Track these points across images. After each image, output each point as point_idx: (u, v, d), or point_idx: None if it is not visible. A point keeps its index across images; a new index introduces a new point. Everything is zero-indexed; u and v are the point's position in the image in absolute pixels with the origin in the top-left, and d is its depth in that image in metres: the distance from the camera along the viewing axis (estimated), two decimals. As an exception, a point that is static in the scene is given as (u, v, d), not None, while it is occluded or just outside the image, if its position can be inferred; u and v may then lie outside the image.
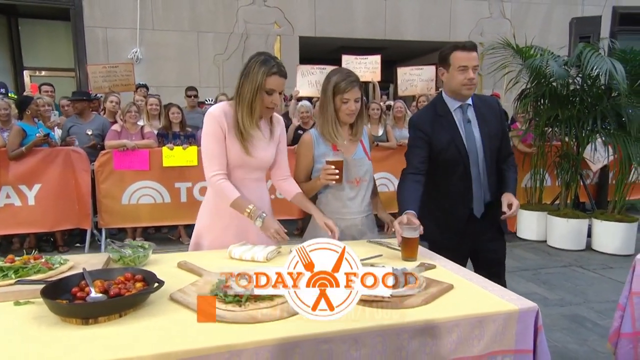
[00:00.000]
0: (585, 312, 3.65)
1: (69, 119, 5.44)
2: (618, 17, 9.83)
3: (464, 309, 1.32)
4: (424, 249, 1.95)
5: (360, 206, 2.21)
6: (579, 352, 3.02)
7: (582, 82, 5.22)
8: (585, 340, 3.18)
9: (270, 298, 1.33)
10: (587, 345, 3.10)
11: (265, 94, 1.92)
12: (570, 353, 3.00)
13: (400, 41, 9.14)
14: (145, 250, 1.73)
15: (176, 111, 5.35)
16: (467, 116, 2.24)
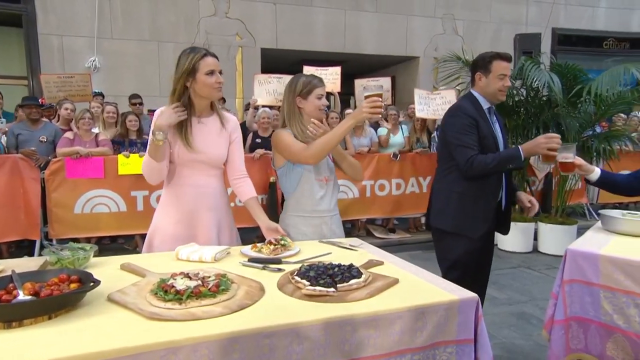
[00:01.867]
0: (530, 309, 3.75)
1: (16, 126, 5.14)
2: (557, 37, 10.38)
3: (407, 300, 1.31)
4: (374, 247, 1.94)
5: (329, 204, 2.23)
6: (524, 347, 3.09)
7: (526, 94, 5.43)
8: (530, 335, 3.26)
9: (213, 295, 1.28)
10: (532, 340, 3.18)
11: (205, 77, 1.90)
12: (516, 348, 3.07)
13: (359, 55, 9.26)
14: (86, 252, 1.63)
15: (133, 119, 5.19)
16: (492, 117, 2.46)
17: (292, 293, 1.36)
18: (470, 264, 2.41)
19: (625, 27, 11.03)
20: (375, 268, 1.62)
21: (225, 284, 1.34)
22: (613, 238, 1.81)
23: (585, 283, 1.60)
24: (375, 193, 5.81)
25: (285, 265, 1.64)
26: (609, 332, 1.58)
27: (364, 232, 6.06)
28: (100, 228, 4.92)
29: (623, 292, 1.55)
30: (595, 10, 10.76)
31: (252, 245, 1.88)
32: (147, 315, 1.19)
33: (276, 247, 1.82)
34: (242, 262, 1.68)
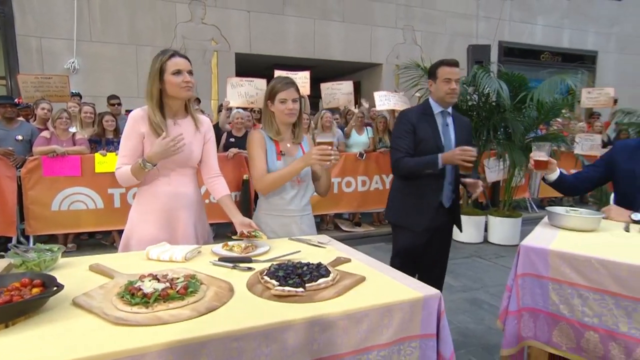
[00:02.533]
0: (482, 295, 3.78)
1: None
2: (503, 50, 10.65)
3: (374, 299, 1.24)
4: (341, 244, 1.87)
5: (299, 205, 2.12)
6: (476, 331, 3.09)
7: (478, 99, 5.49)
8: (482, 319, 3.27)
9: (181, 298, 1.17)
10: (484, 324, 3.19)
11: (172, 77, 1.79)
12: (469, 332, 3.07)
13: (328, 61, 9.19)
14: (53, 253, 1.48)
15: (110, 119, 4.94)
16: (446, 121, 2.45)
17: (261, 293, 1.26)
18: (412, 254, 2.52)
19: (558, 43, 11.48)
20: (342, 266, 1.55)
21: (193, 286, 1.23)
22: (559, 233, 1.81)
23: (536, 276, 1.58)
24: (342, 189, 5.76)
25: (255, 264, 1.55)
26: (556, 321, 1.57)
27: (332, 226, 6.01)
28: (78, 224, 4.65)
29: (569, 284, 1.53)
30: (533, 27, 11.10)
31: (224, 244, 1.77)
32: (113, 321, 1.07)
33: (247, 246, 1.72)
34: (213, 261, 1.57)
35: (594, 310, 1.47)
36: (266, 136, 2.10)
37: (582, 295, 1.49)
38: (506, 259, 4.85)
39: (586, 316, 1.49)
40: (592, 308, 1.48)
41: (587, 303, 1.48)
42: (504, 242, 5.46)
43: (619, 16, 12.02)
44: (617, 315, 1.43)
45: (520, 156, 5.22)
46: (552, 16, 11.29)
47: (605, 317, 1.45)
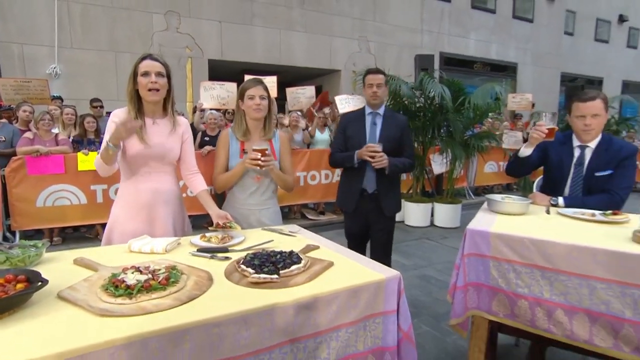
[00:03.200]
0: (430, 272, 3.86)
1: None
2: (443, 59, 10.93)
3: (342, 282, 1.22)
4: (310, 232, 1.84)
5: (259, 199, 2.07)
6: (426, 302, 3.16)
7: (425, 101, 5.58)
8: (431, 292, 3.35)
9: (163, 288, 1.10)
10: (432, 296, 3.27)
11: (141, 78, 1.70)
12: (420, 304, 3.13)
13: (292, 67, 9.08)
14: (37, 248, 1.36)
15: (91, 120, 4.64)
16: (375, 120, 2.53)
17: (238, 281, 1.21)
18: (352, 233, 2.68)
19: (487, 55, 11.96)
20: (312, 252, 1.52)
21: (174, 276, 1.16)
22: (497, 217, 1.85)
23: (479, 256, 1.61)
24: (308, 182, 5.72)
25: (232, 254, 1.48)
26: (495, 293, 1.61)
27: (299, 215, 5.96)
28: (62, 219, 4.36)
29: (505, 261, 1.57)
30: (467, 40, 11.48)
31: (201, 235, 1.69)
32: (98, 312, 0.99)
33: (224, 237, 1.66)
34: (192, 252, 1.50)
35: (525, 282, 1.52)
36: (232, 136, 2.06)
37: (516, 269, 1.54)
38: (450, 240, 4.98)
39: (519, 287, 1.54)
40: (524, 280, 1.52)
41: (520, 276, 1.53)
42: (447, 225, 5.61)
43: (532, 35, 12.69)
44: (542, 285, 1.49)
45: (460, 151, 5.37)
46: (482, 32, 11.73)
47: (533, 287, 1.51)
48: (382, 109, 2.55)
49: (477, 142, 5.55)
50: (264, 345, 1.05)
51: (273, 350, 1.07)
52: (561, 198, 2.08)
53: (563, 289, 1.44)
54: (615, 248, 1.38)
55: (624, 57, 16.09)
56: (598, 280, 1.38)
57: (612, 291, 1.36)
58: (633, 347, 1.35)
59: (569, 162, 2.16)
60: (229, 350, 1.01)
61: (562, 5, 13.36)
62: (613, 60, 15.66)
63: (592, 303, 1.40)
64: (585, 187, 2.10)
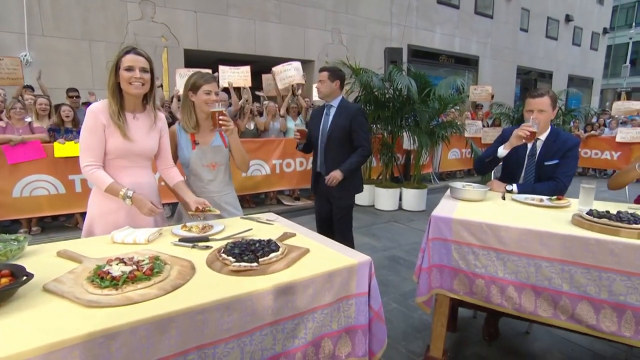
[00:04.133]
0: (399, 253, 3.99)
1: None
2: (411, 51, 11.04)
3: (318, 268, 1.26)
4: (286, 220, 1.86)
5: (218, 187, 2.09)
6: (394, 281, 3.28)
7: (394, 92, 5.65)
8: (399, 272, 3.47)
9: (148, 278, 1.10)
10: (400, 275, 3.39)
11: (124, 72, 1.64)
12: (389, 282, 3.24)
13: (267, 57, 8.91)
14: (19, 242, 1.31)
15: (67, 109, 4.41)
16: (328, 112, 2.74)
17: (220, 269, 1.23)
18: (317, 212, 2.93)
19: (451, 48, 12.20)
20: (289, 240, 1.55)
21: (158, 266, 1.16)
22: (459, 204, 1.93)
23: (442, 240, 1.69)
24: (283, 169, 5.72)
25: (213, 243, 1.49)
26: (456, 273, 1.70)
27: (275, 201, 5.97)
28: (40, 209, 4.17)
29: (465, 244, 1.66)
30: (433, 34, 11.64)
31: (182, 225, 1.68)
32: (85, 304, 0.99)
33: (204, 226, 1.65)
34: (174, 242, 1.50)
35: (482, 263, 1.62)
36: (180, 130, 2.04)
37: (475, 252, 1.63)
38: (416, 222, 5.14)
39: (477, 268, 1.64)
40: (481, 261, 1.62)
41: (478, 258, 1.63)
42: (414, 209, 5.77)
43: (492, 30, 13.02)
44: (497, 265, 1.59)
45: (426, 139, 5.51)
46: (447, 26, 11.91)
47: (489, 267, 1.61)
48: (336, 101, 2.72)
49: (441, 131, 5.70)
50: (246, 328, 1.08)
51: (254, 332, 1.10)
52: (515, 185, 2.20)
53: (514, 268, 1.55)
54: (557, 231, 1.49)
55: (570, 53, 16.84)
56: (543, 260, 1.50)
57: (554, 268, 1.48)
58: (568, 316, 1.48)
59: (523, 153, 2.27)
60: (212, 334, 1.03)
61: (518, 3, 13.74)
62: (561, 56, 16.37)
63: (537, 280, 1.51)
64: (536, 175, 2.23)
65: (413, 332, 2.45)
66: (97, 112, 1.65)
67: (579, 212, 1.68)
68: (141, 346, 0.93)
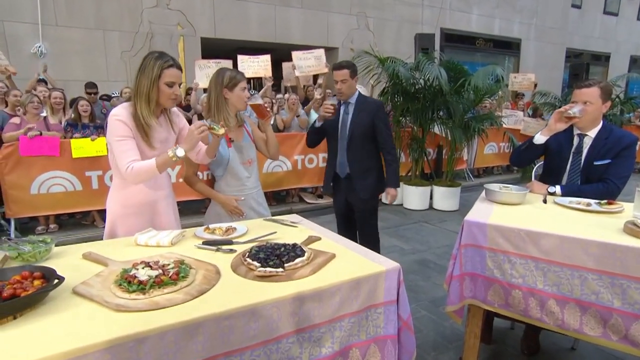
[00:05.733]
0: (429, 256, 3.99)
1: None
2: (444, 36, 10.82)
3: (344, 274, 1.30)
4: (311, 223, 1.92)
5: (254, 182, 2.25)
6: (424, 286, 3.29)
7: (424, 83, 5.60)
8: (429, 277, 3.47)
9: (174, 283, 1.18)
10: (430, 281, 3.39)
11: (165, 86, 1.73)
12: (419, 288, 3.26)
13: (287, 44, 8.97)
14: (47, 244, 1.43)
15: (85, 104, 4.62)
16: (347, 110, 2.70)
17: (245, 274, 1.30)
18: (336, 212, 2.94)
19: (490, 31, 11.81)
20: (314, 244, 1.60)
21: (184, 271, 1.24)
22: (495, 207, 1.93)
23: (476, 246, 1.70)
24: (305, 166, 5.79)
25: (236, 246, 1.57)
26: (490, 283, 1.71)
27: (297, 199, 6.05)
28: (57, 206, 4.41)
29: (501, 252, 1.67)
30: (470, 16, 11.32)
31: (205, 227, 1.77)
32: (114, 308, 1.07)
33: (228, 228, 1.74)
34: (197, 244, 1.58)
35: (519, 272, 1.62)
36: None
37: (511, 260, 1.64)
38: (448, 223, 5.10)
39: (513, 277, 1.64)
40: (518, 271, 1.62)
41: (515, 267, 1.63)
42: (446, 208, 5.72)
43: (538, 8, 12.51)
44: (536, 276, 1.59)
45: (460, 134, 5.43)
46: (485, 7, 11.55)
47: (527, 278, 1.60)
48: (353, 97, 2.70)
49: (477, 124, 5.61)
50: (272, 335, 1.15)
51: (280, 340, 1.16)
52: (558, 187, 2.16)
53: (556, 279, 1.54)
54: (606, 240, 1.47)
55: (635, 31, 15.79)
56: (589, 271, 1.48)
57: (602, 282, 1.46)
58: (621, 336, 1.46)
59: (567, 150, 2.23)
60: (239, 341, 1.10)
61: (571, -24, 13.12)
62: (622, 34, 15.42)
63: (582, 293, 1.50)
64: (583, 175, 2.18)
65: (444, 343, 2.47)
66: (124, 120, 1.72)
67: (633, 219, 1.63)
68: (169, 351, 1.01)
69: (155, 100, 1.75)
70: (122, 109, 1.76)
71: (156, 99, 1.75)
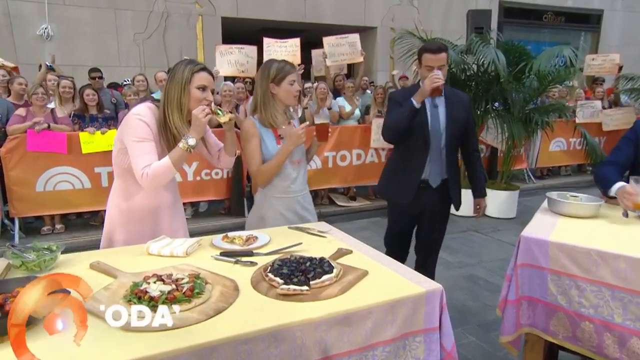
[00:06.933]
0: (479, 271, 3.91)
1: None
2: (503, 11, 10.49)
3: (378, 295, 1.30)
4: (341, 232, 1.93)
5: (301, 184, 2.28)
6: (473, 307, 3.23)
7: (477, 69, 5.47)
8: (479, 296, 3.41)
9: (188, 300, 1.22)
10: (480, 301, 3.33)
11: (196, 91, 1.80)
12: (466, 309, 3.21)
13: (319, 24, 8.99)
14: (52, 252, 1.51)
15: (91, 93, 4.83)
16: (435, 102, 2.48)
17: (266, 292, 1.32)
18: (401, 229, 2.73)
19: (562, 2, 11.28)
20: (344, 257, 1.61)
21: (199, 287, 1.28)
22: (559, 221, 1.87)
23: (536, 267, 1.66)
24: (337, 163, 5.80)
25: (257, 258, 1.60)
26: (553, 311, 1.66)
27: (327, 201, 6.08)
28: (64, 205, 4.65)
29: (567, 275, 1.61)
30: (536, -16, 10.89)
31: (223, 236, 1.81)
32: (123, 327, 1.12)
33: (248, 237, 1.77)
34: (215, 256, 1.62)
35: (591, 302, 1.56)
36: (258, 124, 2.17)
37: (580, 286, 1.58)
38: (503, 233, 4.98)
39: (583, 307, 1.58)
40: (589, 299, 1.56)
41: (584, 294, 1.57)
42: (501, 215, 5.58)
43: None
44: (612, 307, 1.52)
45: (520, 128, 5.28)
46: (557, -28, 11.07)
47: (601, 309, 1.54)
48: None
49: (541, 117, 5.43)
50: (295, 363, 1.16)
51: (304, 369, 1.18)
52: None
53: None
54: None
55: None
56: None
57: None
58: None
59: None
60: (257, 368, 1.12)
61: None
62: None
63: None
64: None
65: (495, 376, 2.42)
66: (148, 122, 1.78)
67: None
68: (181, 376, 1.04)
69: (187, 106, 1.82)
70: (147, 109, 1.82)
71: (187, 105, 1.82)
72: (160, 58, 7.62)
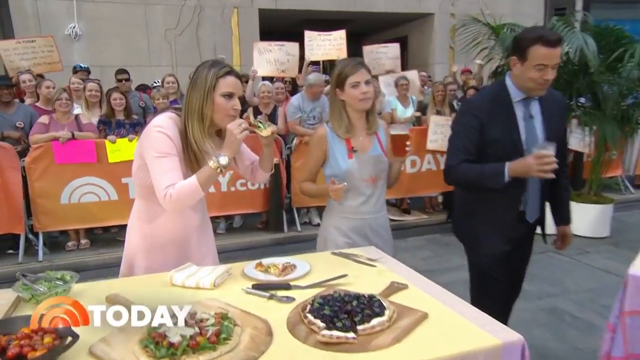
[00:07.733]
0: (563, 303, 3.69)
1: None
2: (590, -14, 9.97)
3: (440, 347, 1.20)
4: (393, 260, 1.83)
5: (375, 205, 2.21)
6: (558, 350, 3.03)
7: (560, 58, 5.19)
8: (564, 335, 3.21)
9: (213, 347, 1.17)
10: (567, 342, 3.12)
11: (221, 99, 1.73)
12: (550, 352, 3.00)
13: (368, 13, 8.94)
14: (66, 283, 1.52)
15: (118, 97, 5.00)
16: (530, 111, 2.12)
17: (305, 338, 1.25)
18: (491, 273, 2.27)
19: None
20: (398, 294, 1.52)
21: (226, 330, 1.23)
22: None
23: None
24: (388, 172, 5.69)
25: (295, 292, 1.54)
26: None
27: (377, 215, 5.98)
28: (90, 219, 4.83)
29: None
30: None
31: (257, 264, 1.77)
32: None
33: (285, 266, 1.72)
34: (246, 289, 1.58)
35: None
36: (331, 133, 2.15)
37: None
38: (591, 256, 4.71)
39: None
40: None
41: None
42: (590, 234, 5.27)
43: None
44: None
45: (614, 127, 4.98)
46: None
47: None
48: None
49: (640, 115, 5.09)
50: None
51: None
52: None
53: None
54: None
55: None
56: None
57: None
58: None
59: None
60: None
61: None
62: None
63: None
64: None
65: None
66: (170, 134, 1.74)
67: None
68: None
69: (209, 117, 1.75)
70: (169, 120, 1.76)
71: (211, 116, 1.75)
72: (193, 56, 7.83)
